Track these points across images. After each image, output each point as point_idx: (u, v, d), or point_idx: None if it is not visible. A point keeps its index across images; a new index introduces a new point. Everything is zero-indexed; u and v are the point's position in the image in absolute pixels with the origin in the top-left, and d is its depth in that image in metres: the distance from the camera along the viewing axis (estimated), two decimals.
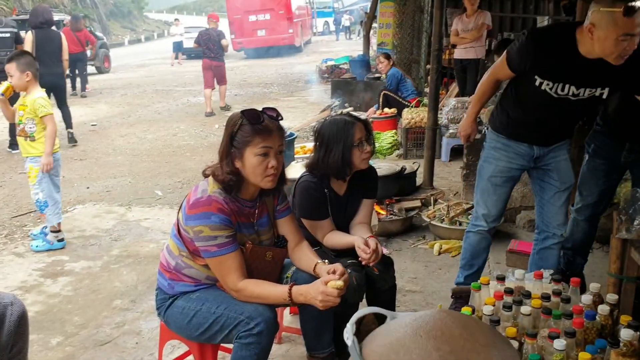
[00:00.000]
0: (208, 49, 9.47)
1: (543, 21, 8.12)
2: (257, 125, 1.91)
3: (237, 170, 1.95)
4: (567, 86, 2.44)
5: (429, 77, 6.05)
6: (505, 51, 2.60)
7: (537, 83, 2.47)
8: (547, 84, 2.45)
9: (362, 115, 5.44)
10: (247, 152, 1.92)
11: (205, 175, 2.04)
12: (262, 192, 2.08)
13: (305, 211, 2.50)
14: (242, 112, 1.95)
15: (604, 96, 2.48)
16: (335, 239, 2.49)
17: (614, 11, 2.14)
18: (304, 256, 2.15)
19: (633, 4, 2.11)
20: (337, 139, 2.43)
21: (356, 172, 2.54)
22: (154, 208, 5.12)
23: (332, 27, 33.31)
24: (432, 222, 4.22)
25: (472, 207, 3.22)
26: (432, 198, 4.63)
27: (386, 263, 2.55)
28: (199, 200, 1.93)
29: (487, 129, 2.88)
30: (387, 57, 7.93)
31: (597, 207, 2.99)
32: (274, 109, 2.00)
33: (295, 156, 5.58)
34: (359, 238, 2.39)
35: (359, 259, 2.36)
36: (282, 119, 2.02)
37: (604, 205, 3.03)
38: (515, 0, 9.50)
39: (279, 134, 1.97)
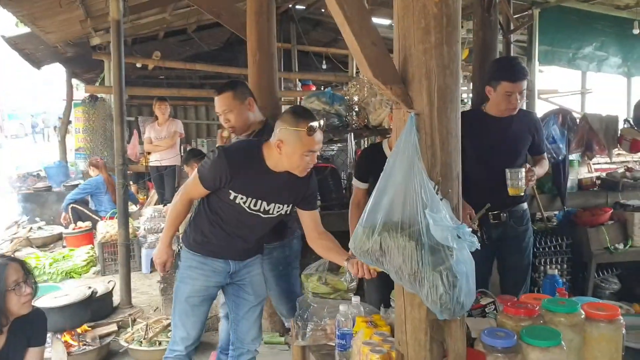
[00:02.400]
0: None
1: None
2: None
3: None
4: (259, 202, 2.57)
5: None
6: (196, 171, 2.64)
7: (231, 197, 2.56)
8: (242, 198, 2.56)
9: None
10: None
11: None
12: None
13: None
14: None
15: (287, 213, 2.69)
16: None
17: (299, 130, 2.39)
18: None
19: (313, 124, 2.38)
20: None
21: (16, 319, 2.24)
22: None
23: (28, 130, 30.81)
24: (130, 346, 3.97)
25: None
26: (130, 318, 4.38)
27: None
28: None
29: (181, 247, 2.83)
30: (96, 164, 7.39)
31: None
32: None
33: None
34: None
35: None
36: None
37: None
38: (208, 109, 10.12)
39: None
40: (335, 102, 4.14)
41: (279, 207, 2.64)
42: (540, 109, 7.10)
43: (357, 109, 4.28)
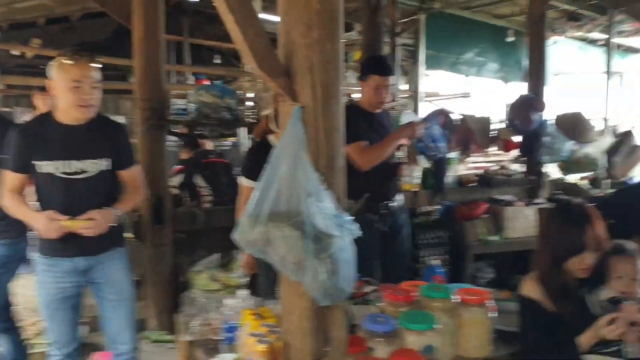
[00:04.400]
0: None
1: None
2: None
3: None
4: (69, 163, 2.48)
5: None
6: None
7: (41, 169, 2.47)
8: (50, 165, 2.47)
9: None
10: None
11: None
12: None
13: None
14: None
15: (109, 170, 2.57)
16: None
17: (59, 61, 2.43)
18: None
19: (71, 50, 2.44)
20: None
21: None
22: None
23: None
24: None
25: None
26: None
27: None
28: None
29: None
30: None
31: None
32: None
33: None
34: None
35: None
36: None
37: None
38: None
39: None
40: (226, 96, 4.11)
41: (93, 164, 2.52)
42: (426, 110, 7.48)
43: (250, 104, 4.28)
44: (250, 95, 4.26)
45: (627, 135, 5.56)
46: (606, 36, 7.23)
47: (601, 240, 2.23)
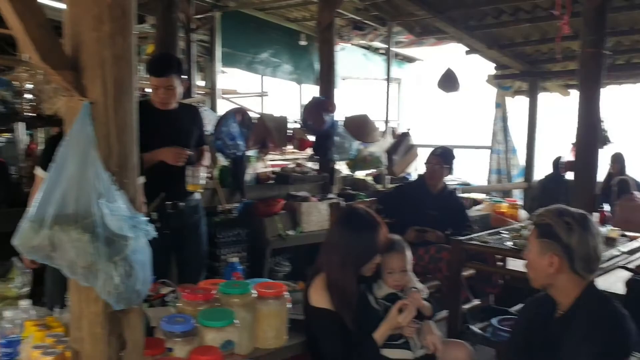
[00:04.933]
0: None
1: None
2: None
3: None
4: None
5: None
6: None
7: None
8: None
9: None
10: None
11: None
12: None
13: None
14: None
15: None
16: None
17: None
18: None
19: None
20: None
21: None
22: None
23: None
24: None
25: None
26: None
27: None
28: None
29: None
30: None
31: None
32: None
33: None
34: None
35: None
36: None
37: None
38: None
39: None
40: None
41: None
42: (223, 108, 7.52)
43: (29, 96, 3.90)
44: (29, 86, 3.87)
45: (405, 136, 6.22)
46: (386, 46, 7.96)
47: (386, 240, 2.43)
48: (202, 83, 8.84)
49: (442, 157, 4.23)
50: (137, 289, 1.54)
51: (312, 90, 8.57)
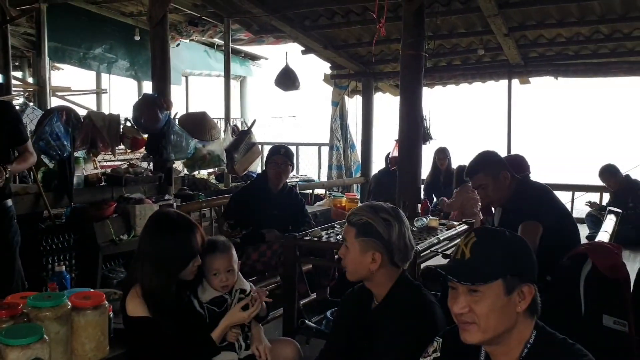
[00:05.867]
0: None
1: None
2: None
3: None
4: None
5: None
6: None
7: None
8: None
9: None
10: None
11: None
12: None
13: None
14: None
15: None
16: None
17: None
18: None
19: None
20: None
21: None
22: None
23: None
24: None
25: None
26: None
27: None
28: None
29: None
30: None
31: None
32: None
33: None
34: None
35: None
36: None
37: None
38: None
39: None
40: None
41: None
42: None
43: None
44: None
45: (245, 133, 6.22)
46: (224, 42, 7.89)
47: (204, 242, 2.37)
48: (30, 80, 8.16)
49: (287, 156, 4.27)
50: None
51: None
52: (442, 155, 6.69)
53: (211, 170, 6.73)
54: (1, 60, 5.82)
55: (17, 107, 4.67)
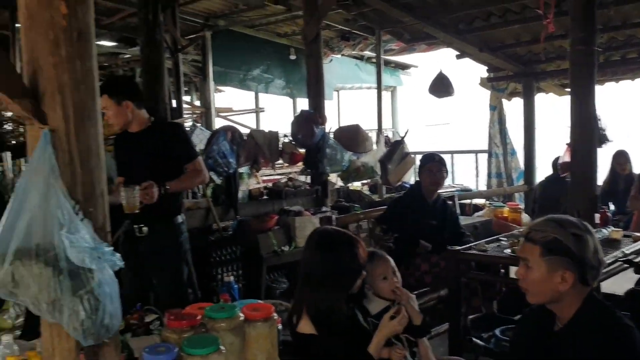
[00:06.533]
0: None
1: None
2: None
3: None
4: None
5: None
6: None
7: None
8: None
9: None
10: None
11: None
12: None
13: None
14: None
15: None
16: None
17: None
18: None
19: None
20: None
21: None
22: None
23: None
24: None
25: None
26: None
27: None
28: None
29: None
30: None
31: None
32: None
33: None
34: None
35: None
36: None
37: None
38: None
39: None
40: None
41: None
42: (220, 126, 7.51)
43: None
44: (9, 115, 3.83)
45: (398, 144, 6.15)
46: (376, 54, 7.91)
47: (366, 253, 2.33)
48: (197, 103, 8.86)
49: (441, 163, 4.17)
50: (106, 324, 1.47)
51: (306, 104, 8.55)
52: (622, 159, 6.05)
53: (364, 181, 6.74)
54: (174, 86, 6.34)
55: (187, 129, 5.02)
